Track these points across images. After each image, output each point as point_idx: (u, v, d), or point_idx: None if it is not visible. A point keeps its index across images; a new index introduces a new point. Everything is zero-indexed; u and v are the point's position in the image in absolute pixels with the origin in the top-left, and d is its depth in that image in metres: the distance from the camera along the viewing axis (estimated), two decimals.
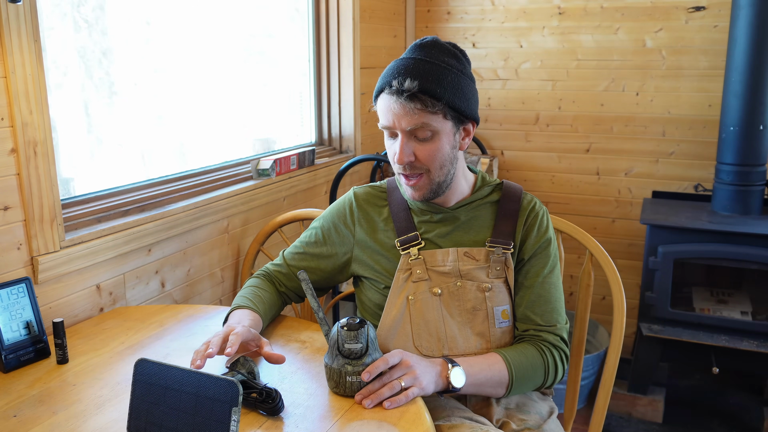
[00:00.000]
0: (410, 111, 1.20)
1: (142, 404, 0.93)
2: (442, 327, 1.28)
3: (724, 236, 2.35)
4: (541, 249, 1.32)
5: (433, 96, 1.19)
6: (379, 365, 1.08)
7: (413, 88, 1.18)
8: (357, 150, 2.66)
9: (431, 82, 1.20)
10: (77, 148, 1.66)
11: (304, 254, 1.43)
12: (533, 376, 1.26)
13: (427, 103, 1.20)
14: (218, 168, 2.04)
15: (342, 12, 2.53)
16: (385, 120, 1.25)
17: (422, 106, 1.20)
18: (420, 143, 1.24)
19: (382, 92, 1.24)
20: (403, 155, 1.23)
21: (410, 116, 1.20)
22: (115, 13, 1.71)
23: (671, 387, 2.78)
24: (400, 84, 1.19)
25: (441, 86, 1.20)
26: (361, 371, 1.07)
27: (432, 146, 1.24)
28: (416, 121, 1.21)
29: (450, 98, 1.21)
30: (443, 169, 1.27)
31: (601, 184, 2.96)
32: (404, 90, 1.19)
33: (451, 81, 1.22)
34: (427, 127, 1.22)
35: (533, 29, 2.93)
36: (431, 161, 1.25)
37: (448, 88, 1.21)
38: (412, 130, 1.22)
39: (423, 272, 1.30)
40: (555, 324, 1.31)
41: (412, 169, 1.26)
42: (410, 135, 1.23)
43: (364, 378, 1.06)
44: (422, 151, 1.24)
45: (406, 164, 1.25)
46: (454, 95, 1.22)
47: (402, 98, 1.19)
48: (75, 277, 1.44)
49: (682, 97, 2.76)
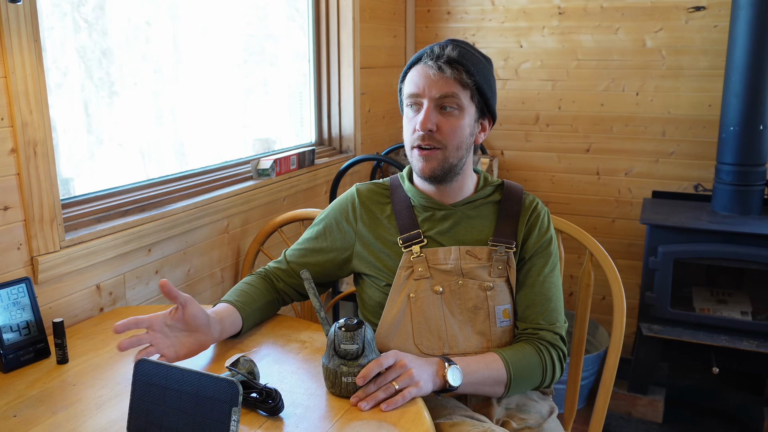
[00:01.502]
0: (446, 77, 1.24)
1: (142, 404, 0.93)
2: (443, 325, 1.28)
3: (724, 236, 2.35)
4: (542, 248, 1.33)
5: (467, 71, 1.25)
6: (372, 368, 1.07)
7: (452, 54, 1.24)
8: (357, 150, 2.66)
9: (468, 60, 1.26)
10: (77, 148, 1.66)
11: (305, 249, 1.43)
12: (531, 375, 1.26)
13: (462, 74, 1.25)
14: (218, 168, 2.04)
15: (342, 12, 2.53)
16: (414, 87, 1.27)
17: (458, 74, 1.24)
18: (444, 117, 1.26)
19: (417, 64, 1.28)
20: (427, 121, 1.25)
21: (444, 82, 1.24)
22: (115, 13, 1.71)
23: (671, 387, 2.78)
24: (441, 49, 1.25)
25: (475, 67, 1.27)
26: (356, 372, 1.07)
27: (455, 121, 1.26)
28: (448, 89, 1.24)
29: (480, 82, 1.27)
30: (459, 151, 1.28)
31: (601, 184, 2.96)
32: (445, 55, 1.24)
33: (482, 69, 1.29)
34: (455, 98, 1.25)
35: (533, 29, 2.93)
36: (451, 136, 1.27)
37: (480, 73, 1.28)
38: (441, 100, 1.25)
39: (425, 270, 1.30)
40: (554, 323, 1.31)
41: (431, 140, 1.27)
42: (437, 105, 1.26)
43: (358, 383, 1.06)
44: (445, 124, 1.26)
45: (426, 132, 1.26)
46: (483, 81, 1.28)
47: (441, 61, 1.24)
48: (75, 277, 1.44)
49: (682, 97, 2.76)
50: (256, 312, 1.33)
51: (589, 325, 2.84)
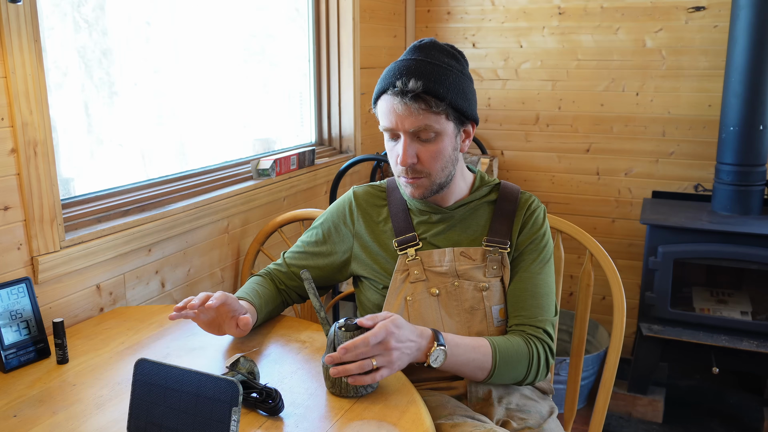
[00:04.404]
0: (414, 112, 1.19)
1: (142, 404, 0.93)
2: (440, 327, 1.28)
3: (724, 236, 2.35)
4: (533, 244, 1.32)
5: (436, 96, 1.19)
6: (358, 344, 1.04)
7: (417, 88, 1.18)
8: (357, 150, 2.66)
9: (434, 82, 1.19)
10: (77, 148, 1.66)
11: (304, 253, 1.43)
12: (516, 365, 1.24)
13: (431, 104, 1.19)
14: (218, 168, 2.04)
15: (342, 12, 2.53)
16: (388, 122, 1.24)
17: (426, 106, 1.19)
18: (423, 145, 1.23)
19: (384, 93, 1.23)
20: (407, 157, 1.23)
21: (414, 117, 1.20)
22: (115, 13, 1.71)
23: (671, 387, 2.78)
24: (404, 84, 1.18)
25: (444, 87, 1.20)
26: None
27: (434, 147, 1.23)
28: (420, 122, 1.20)
29: (452, 99, 1.21)
30: (445, 171, 1.27)
31: (601, 184, 2.96)
32: (408, 90, 1.18)
33: (452, 81, 1.22)
34: (430, 128, 1.21)
35: (533, 29, 2.93)
36: (434, 163, 1.24)
37: (451, 89, 1.21)
38: (416, 132, 1.22)
39: (420, 273, 1.30)
40: (538, 317, 1.28)
41: (414, 172, 1.25)
42: (413, 136, 1.23)
43: (339, 353, 1.03)
44: (425, 153, 1.24)
45: (408, 167, 1.25)
46: (456, 96, 1.22)
47: (406, 99, 1.18)
48: (75, 277, 1.44)
49: (682, 97, 2.76)
50: (266, 314, 1.35)
51: (589, 325, 2.83)
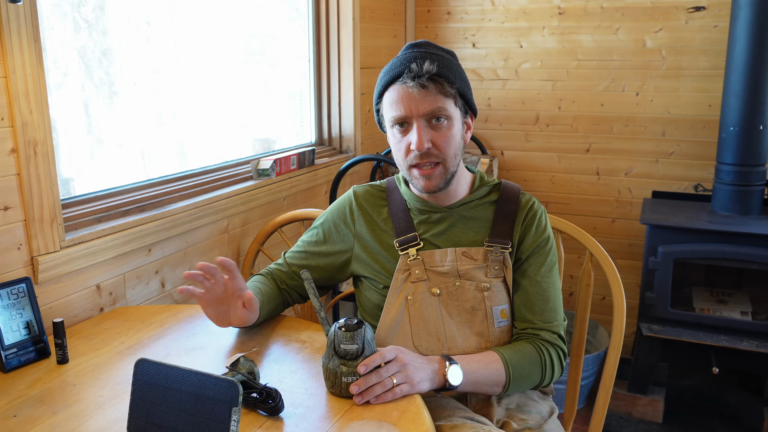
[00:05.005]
0: (431, 92, 1.22)
1: (142, 404, 0.93)
2: (441, 327, 1.28)
3: (724, 236, 2.35)
4: (539, 248, 1.32)
5: (448, 80, 1.23)
6: (375, 359, 1.07)
7: (432, 69, 1.21)
8: (357, 150, 2.66)
9: (447, 70, 1.24)
10: (77, 148, 1.66)
11: (305, 253, 1.43)
12: (531, 374, 1.26)
13: (444, 86, 1.23)
14: (218, 168, 2.04)
15: (342, 12, 2.53)
16: (398, 110, 1.24)
17: (441, 88, 1.22)
18: (435, 130, 1.25)
19: (393, 84, 1.25)
20: (423, 141, 1.23)
21: (430, 99, 1.22)
22: (115, 13, 1.71)
23: (671, 387, 2.78)
24: (419, 66, 1.21)
25: (452, 72, 1.25)
26: (356, 372, 1.06)
27: (447, 132, 1.25)
28: (435, 104, 1.22)
29: (460, 85, 1.26)
30: (456, 158, 1.28)
31: (601, 184, 2.96)
32: (424, 73, 1.21)
33: (456, 70, 1.27)
34: (443, 111, 1.24)
35: (533, 29, 2.93)
36: (447, 148, 1.26)
37: (457, 76, 1.26)
38: (429, 116, 1.23)
39: (422, 272, 1.30)
40: (552, 322, 1.30)
41: (429, 157, 1.25)
42: (426, 121, 1.24)
43: (360, 371, 1.06)
44: (438, 138, 1.25)
45: (424, 152, 1.24)
46: (462, 83, 1.27)
47: (422, 79, 1.21)
48: (75, 277, 1.44)
49: (682, 97, 2.76)
50: (267, 312, 1.35)
51: (589, 325, 2.84)
